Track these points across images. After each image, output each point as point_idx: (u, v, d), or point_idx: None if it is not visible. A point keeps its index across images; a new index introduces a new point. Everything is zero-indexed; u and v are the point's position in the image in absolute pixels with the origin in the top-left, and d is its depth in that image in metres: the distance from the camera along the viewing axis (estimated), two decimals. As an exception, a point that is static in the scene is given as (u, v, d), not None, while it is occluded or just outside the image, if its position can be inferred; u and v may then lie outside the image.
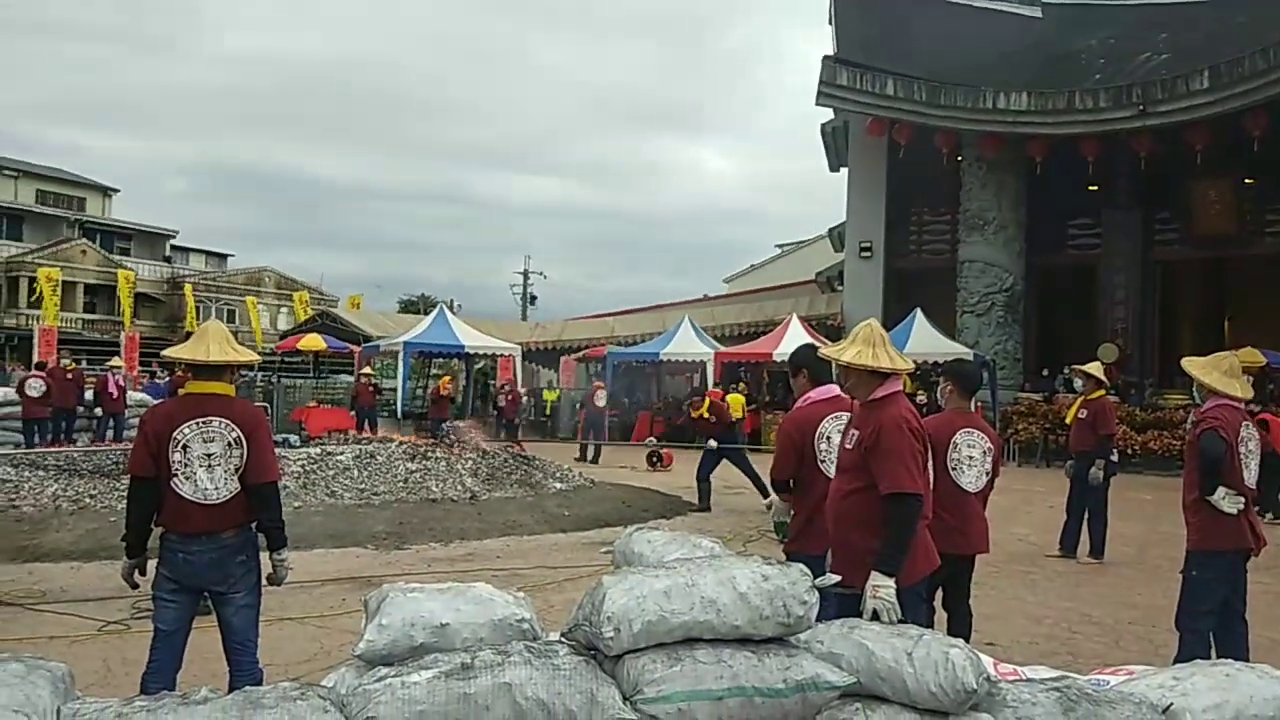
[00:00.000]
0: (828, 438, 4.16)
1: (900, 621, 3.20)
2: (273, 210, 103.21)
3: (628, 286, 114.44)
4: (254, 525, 3.77)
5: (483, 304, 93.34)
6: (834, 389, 4.20)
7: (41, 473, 10.17)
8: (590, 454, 17.85)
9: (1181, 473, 4.92)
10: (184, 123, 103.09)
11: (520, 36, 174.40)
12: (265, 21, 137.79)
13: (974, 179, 22.23)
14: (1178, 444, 17.90)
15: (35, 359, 18.87)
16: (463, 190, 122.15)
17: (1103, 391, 8.80)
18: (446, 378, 22.30)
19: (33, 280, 35.89)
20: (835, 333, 22.33)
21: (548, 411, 24.83)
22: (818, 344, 4.90)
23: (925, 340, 19.16)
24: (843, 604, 3.42)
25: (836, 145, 25.81)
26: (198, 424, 3.63)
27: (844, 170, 25.70)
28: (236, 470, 3.65)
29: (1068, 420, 9.53)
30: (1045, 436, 19.55)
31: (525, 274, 53.11)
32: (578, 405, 22.61)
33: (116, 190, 49.52)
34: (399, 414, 21.65)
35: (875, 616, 3.23)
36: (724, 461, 11.37)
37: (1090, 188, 22.04)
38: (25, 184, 44.76)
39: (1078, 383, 10.91)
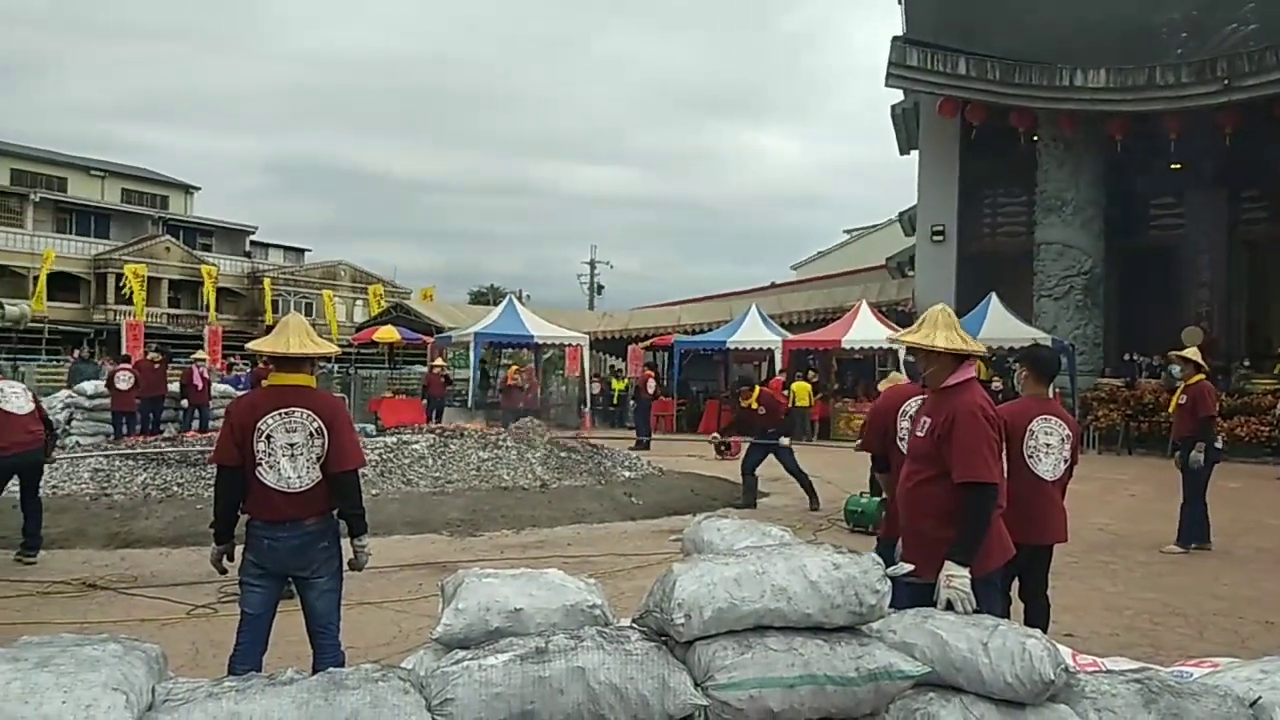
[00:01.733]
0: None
1: (975, 611, 3.16)
2: (347, 205, 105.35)
3: (693, 275, 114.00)
4: (335, 512, 3.88)
5: (550, 294, 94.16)
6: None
7: (131, 462, 10.56)
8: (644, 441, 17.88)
9: (1271, 460, 4.75)
10: (260, 120, 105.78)
11: (583, 26, 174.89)
12: (334, 18, 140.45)
13: (1051, 159, 21.66)
14: (1265, 430, 17.27)
15: (123, 352, 19.58)
16: (529, 181, 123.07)
17: (1202, 375, 8.57)
18: (514, 367, 22.56)
19: (120, 276, 37.22)
20: (906, 319, 21.98)
21: (615, 401, 24.94)
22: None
23: (1000, 325, 18.75)
24: (915, 594, 3.39)
25: (907, 127, 25.36)
26: (281, 414, 3.75)
27: (914, 153, 25.23)
28: (318, 459, 3.76)
29: (1170, 409, 9.31)
30: (1127, 423, 19.02)
31: (592, 264, 53.43)
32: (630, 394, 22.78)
33: (198, 188, 51.12)
34: (470, 404, 21.99)
35: (949, 606, 3.20)
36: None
37: (1173, 166, 21.31)
38: (111, 183, 46.45)
39: (1176, 369, 10.57)
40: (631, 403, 19.02)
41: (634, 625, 2.88)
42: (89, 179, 45.57)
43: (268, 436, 3.72)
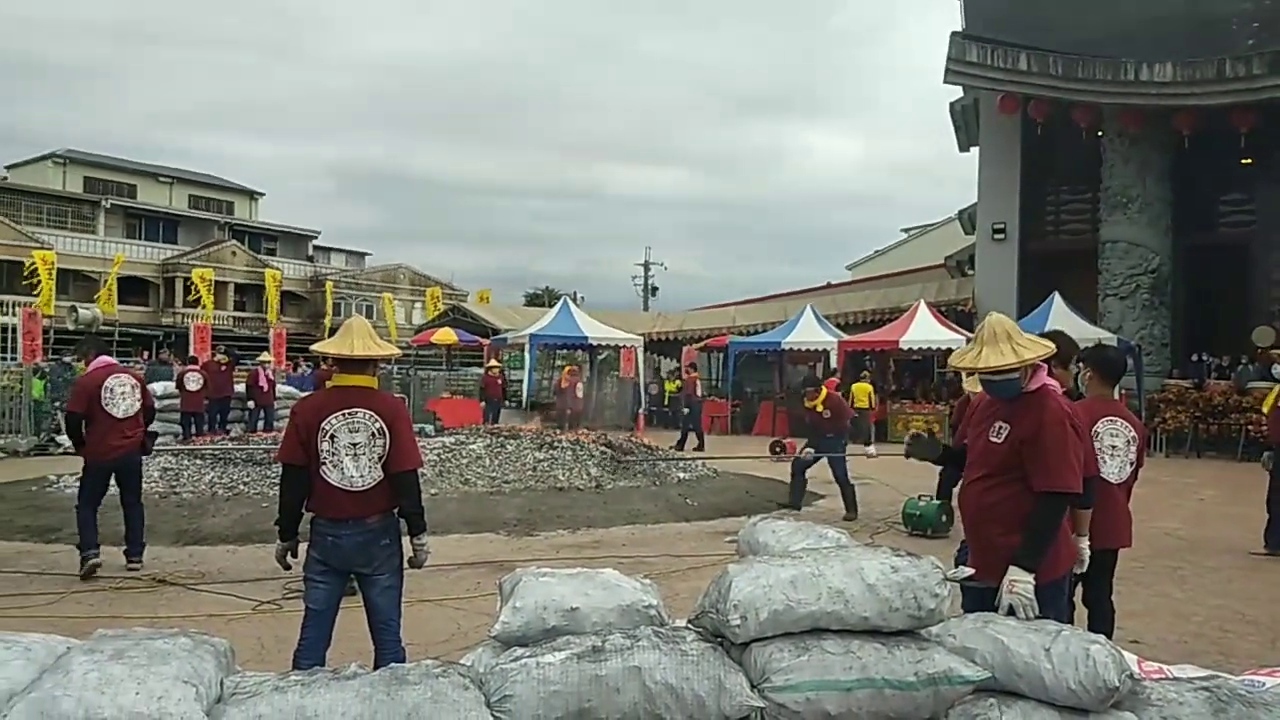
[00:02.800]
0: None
1: (1038, 617, 3.10)
2: (406, 209, 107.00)
3: (747, 275, 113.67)
4: (396, 511, 3.95)
5: (605, 295, 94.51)
6: None
7: (199, 461, 10.85)
8: (689, 442, 17.82)
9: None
10: (321, 126, 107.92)
11: (633, 27, 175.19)
12: (389, 25, 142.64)
13: (1116, 155, 21.15)
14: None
15: (191, 354, 20.14)
16: (584, 183, 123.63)
17: None
18: (569, 368, 22.66)
19: (187, 280, 38.26)
20: (966, 319, 21.66)
21: (666, 402, 24.94)
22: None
23: (1064, 325, 18.27)
24: (976, 598, 3.35)
25: (966, 124, 24.97)
26: (344, 415, 3.83)
27: (974, 150, 24.84)
28: (380, 459, 3.83)
29: (1265, 409, 9.06)
30: (1195, 425, 18.49)
31: (646, 265, 53.50)
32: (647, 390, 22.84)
33: (262, 194, 52.28)
34: (525, 404, 22.15)
35: (1011, 612, 3.14)
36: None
37: (1243, 161, 20.66)
38: (179, 190, 47.74)
39: (1278, 369, 10.24)
40: (685, 409, 18.96)
41: (689, 626, 2.89)
42: (158, 186, 46.88)
43: (332, 436, 3.80)
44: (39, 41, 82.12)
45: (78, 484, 7.39)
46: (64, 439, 16.28)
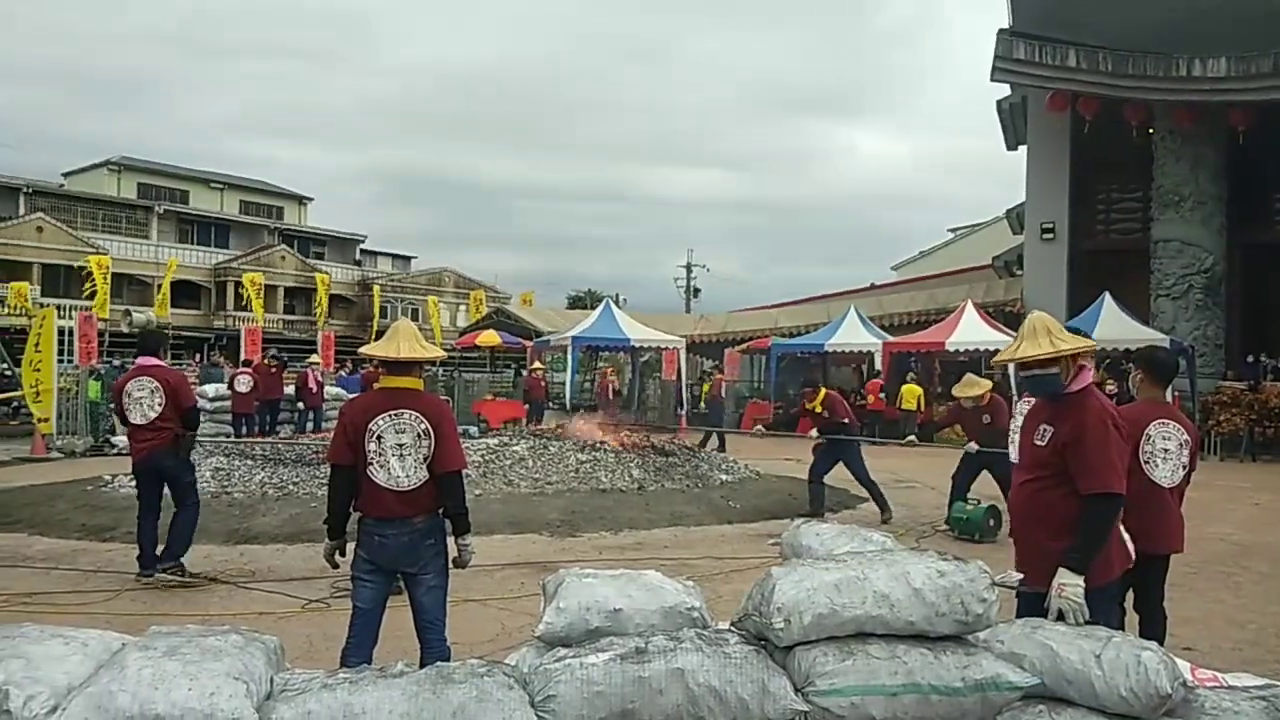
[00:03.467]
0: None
1: (1089, 623, 3.05)
2: (450, 213, 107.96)
3: (790, 277, 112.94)
4: (441, 511, 3.99)
5: (647, 298, 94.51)
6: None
7: (250, 462, 11.04)
8: (714, 442, 17.75)
9: None
10: (368, 132, 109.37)
11: (674, 29, 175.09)
12: (431, 31, 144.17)
13: (1168, 152, 20.71)
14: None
15: (242, 357, 20.51)
16: (626, 186, 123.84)
17: None
18: (610, 369, 22.74)
19: (239, 284, 38.96)
20: (1015, 320, 21.31)
21: (703, 404, 24.90)
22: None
23: (1115, 326, 18.01)
24: (1025, 603, 3.30)
25: (1014, 122, 24.61)
26: (391, 416, 3.88)
27: (1022, 148, 24.48)
28: (425, 459, 3.87)
29: None
30: (1251, 428, 18.03)
31: (688, 267, 53.50)
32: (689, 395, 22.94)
33: (311, 199, 53.10)
34: (568, 406, 22.25)
35: (1060, 617, 3.10)
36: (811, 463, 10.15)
37: (1302, 157, 20.14)
38: (230, 195, 48.65)
39: None
40: (705, 410, 19.09)
41: (732, 628, 2.88)
42: (209, 191, 47.82)
43: (378, 437, 3.86)
44: (95, 52, 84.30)
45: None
46: (118, 439, 16.73)
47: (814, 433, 9.96)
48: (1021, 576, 3.18)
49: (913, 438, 9.91)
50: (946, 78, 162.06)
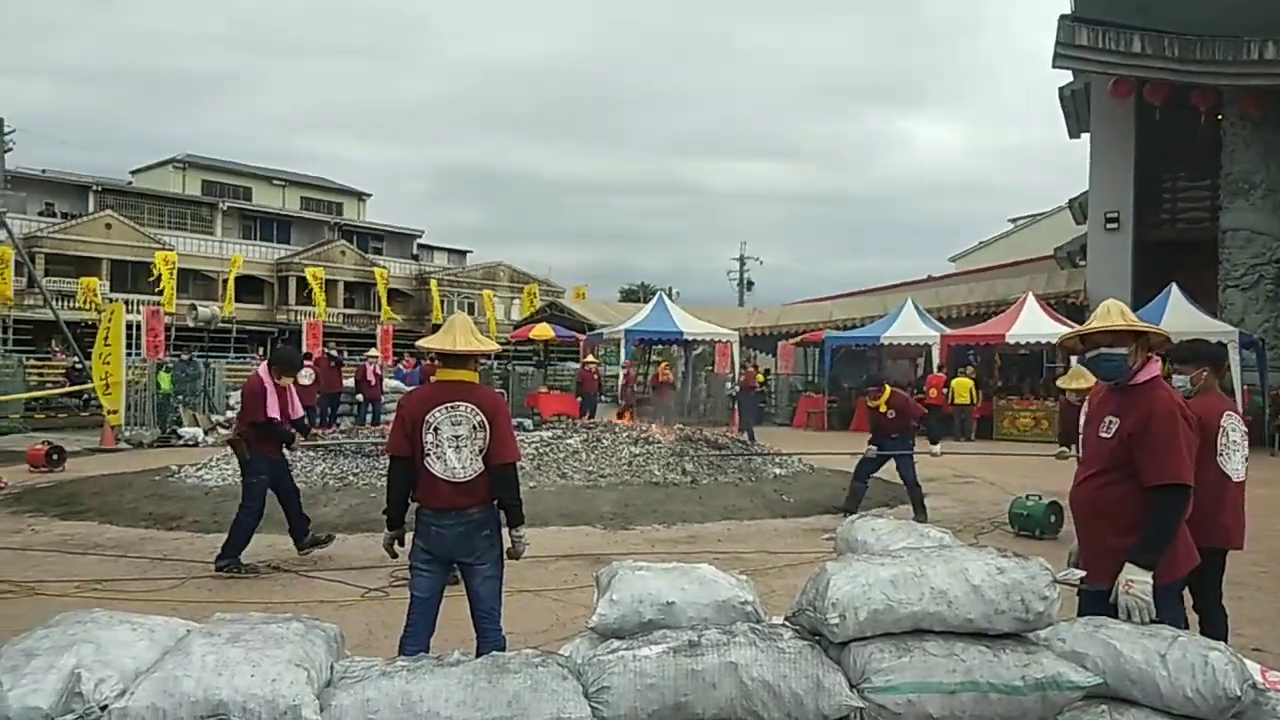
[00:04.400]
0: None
1: (1154, 621, 2.97)
2: (505, 208, 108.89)
3: (845, 269, 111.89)
4: (496, 503, 4.03)
5: (700, 290, 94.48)
6: None
7: (311, 453, 11.24)
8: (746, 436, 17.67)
9: None
10: (424, 129, 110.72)
11: (729, 21, 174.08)
12: (488, 28, 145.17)
13: (1237, 139, 20.06)
14: None
15: (304, 350, 20.92)
16: (679, 178, 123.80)
17: None
18: (664, 363, 22.74)
19: (300, 279, 39.76)
20: (1077, 312, 20.85)
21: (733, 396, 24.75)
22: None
23: (1182, 318, 17.50)
24: (1087, 601, 3.23)
25: (1077, 109, 24.02)
26: (447, 408, 3.93)
27: (1085, 136, 23.90)
28: (481, 451, 3.91)
29: None
30: (1323, 423, 17.42)
31: (741, 259, 53.30)
32: (732, 388, 22.87)
33: (369, 195, 53.91)
34: (621, 399, 22.31)
35: (1127, 615, 3.02)
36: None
37: (1378, 142, 19.37)
38: (291, 192, 49.61)
39: None
40: (731, 395, 19.18)
41: (786, 623, 2.86)
42: (271, 188, 48.80)
43: (435, 429, 3.91)
44: (161, 53, 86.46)
45: None
46: (185, 431, 17.18)
47: (870, 448, 9.48)
48: (1084, 574, 3.11)
49: (1065, 450, 8.98)
50: (1006, 65, 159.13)
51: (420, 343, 4.67)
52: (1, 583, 6.37)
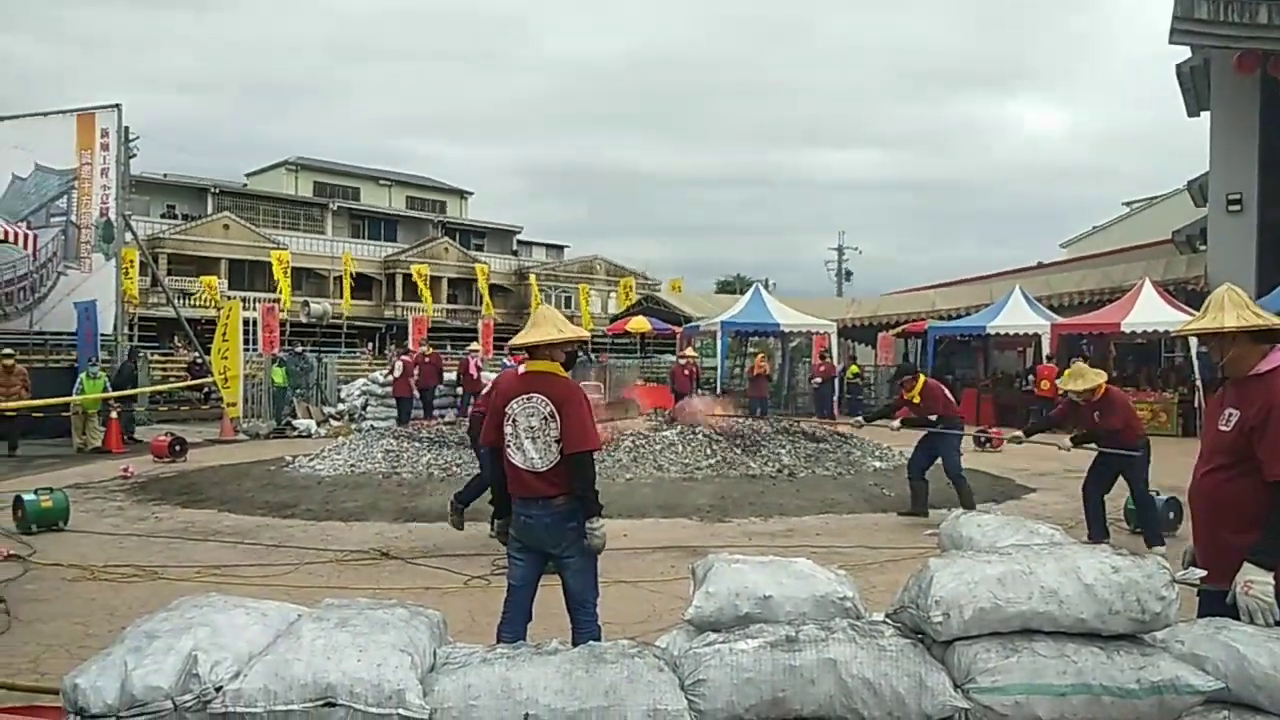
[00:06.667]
0: None
1: (1278, 623, 2.81)
2: (601, 203, 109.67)
3: (948, 257, 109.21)
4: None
5: (797, 281, 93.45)
6: None
7: (417, 444, 11.57)
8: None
9: None
10: (522, 127, 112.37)
11: (822, 5, 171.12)
12: (579, 26, 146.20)
13: (1375, 113, 18.76)
14: None
15: (408, 345, 21.57)
16: (774, 169, 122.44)
17: None
18: (761, 355, 22.57)
19: (406, 276, 40.90)
20: (1196, 298, 19.83)
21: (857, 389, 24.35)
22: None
23: (1313, 305, 16.51)
24: (1207, 601, 3.07)
25: (1195, 86, 22.83)
26: (523, 400, 3.99)
27: (1205, 114, 22.69)
28: (556, 440, 3.92)
29: None
30: None
31: (839, 250, 52.42)
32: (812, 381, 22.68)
33: (471, 193, 55.11)
34: (718, 392, 22.23)
35: (1249, 617, 2.86)
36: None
37: None
38: (397, 192, 51.06)
39: None
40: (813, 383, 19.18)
41: (887, 620, 2.80)
42: (378, 188, 50.30)
43: (514, 420, 3.99)
44: (272, 60, 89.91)
45: None
46: (299, 423, 17.87)
47: (895, 424, 9.11)
48: (1204, 573, 2.96)
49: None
50: (1115, 42, 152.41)
51: (511, 342, 4.75)
52: (127, 566, 6.73)
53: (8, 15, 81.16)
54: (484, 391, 8.32)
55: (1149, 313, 18.91)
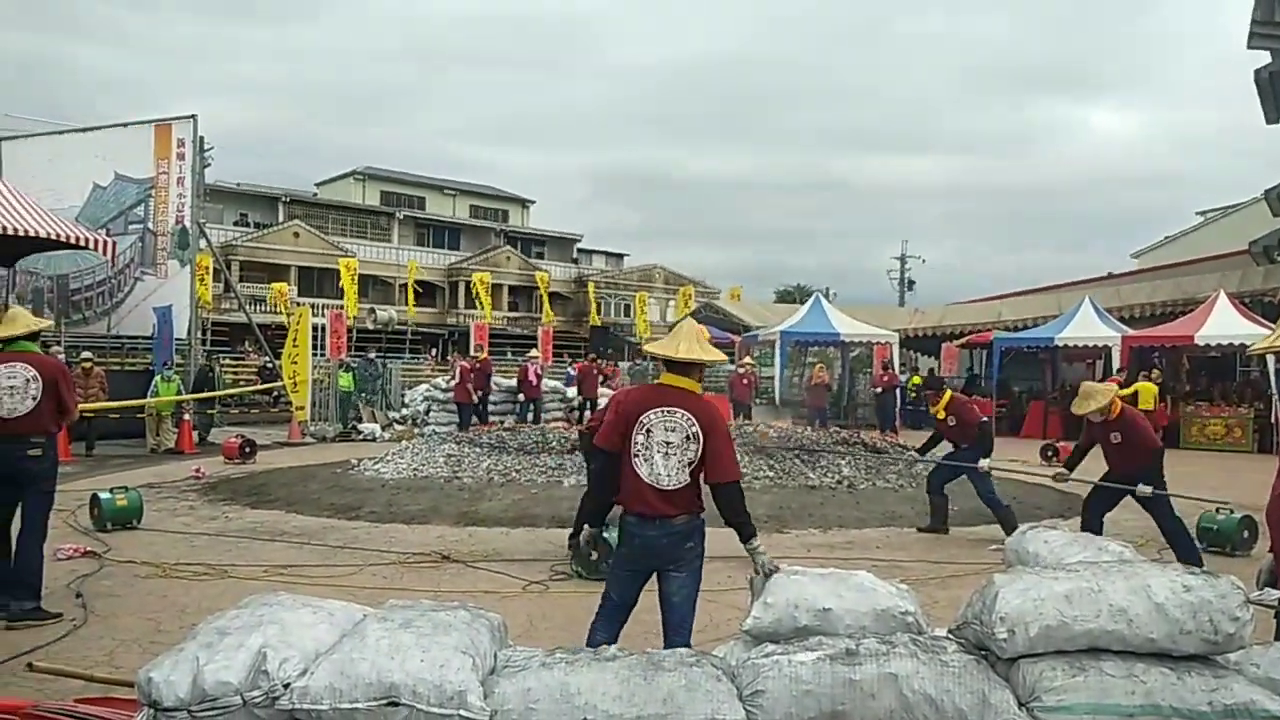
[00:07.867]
0: None
1: (1363, 650, 2.71)
2: (661, 210, 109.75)
3: (1014, 267, 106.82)
4: (701, 514, 3.93)
5: (859, 290, 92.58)
6: None
7: (477, 449, 11.70)
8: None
9: None
10: (582, 135, 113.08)
11: (886, 10, 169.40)
12: (640, 33, 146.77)
13: None
14: None
15: (470, 353, 21.85)
16: (836, 176, 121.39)
17: None
18: (819, 365, 22.37)
19: (468, 284, 41.45)
20: (1274, 311, 19.18)
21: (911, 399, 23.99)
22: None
23: (1402, 318, 15.84)
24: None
25: (1275, 92, 22.07)
26: (664, 412, 3.85)
27: (1286, 121, 21.94)
28: (690, 463, 3.82)
29: None
30: None
31: (902, 258, 51.71)
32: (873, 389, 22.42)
33: (533, 201, 55.69)
34: (777, 401, 22.09)
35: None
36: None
37: None
38: (460, 201, 51.81)
39: None
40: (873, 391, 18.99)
41: (950, 636, 2.77)
42: (442, 197, 51.10)
43: (648, 430, 3.83)
44: (340, 70, 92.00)
45: None
46: (365, 427, 18.21)
47: (985, 463, 8.49)
48: (1282, 595, 2.87)
49: (1063, 472, 7.83)
50: (1188, 47, 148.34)
51: (646, 348, 4.70)
52: (199, 565, 6.92)
53: (91, 28, 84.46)
54: (600, 406, 8.19)
55: (1224, 325, 18.33)
